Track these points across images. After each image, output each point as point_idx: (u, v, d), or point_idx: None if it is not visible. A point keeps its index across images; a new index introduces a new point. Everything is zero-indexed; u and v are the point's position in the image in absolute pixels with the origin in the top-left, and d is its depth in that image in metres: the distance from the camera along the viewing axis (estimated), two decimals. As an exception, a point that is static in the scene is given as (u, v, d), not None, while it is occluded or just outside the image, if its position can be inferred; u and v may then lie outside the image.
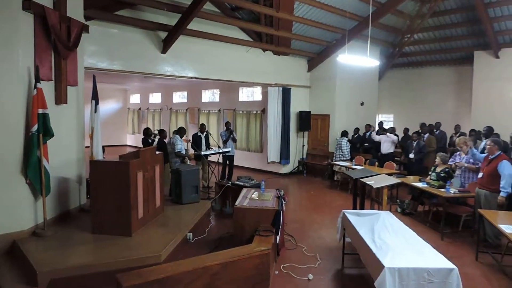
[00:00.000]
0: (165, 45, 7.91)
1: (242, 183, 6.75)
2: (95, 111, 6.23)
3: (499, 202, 5.29)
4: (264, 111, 11.36)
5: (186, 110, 14.96)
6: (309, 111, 11.44)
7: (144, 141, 8.05)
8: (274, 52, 10.44)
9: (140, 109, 18.23)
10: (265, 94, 11.10)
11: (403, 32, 12.11)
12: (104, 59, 7.22)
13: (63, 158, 5.62)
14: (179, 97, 15.95)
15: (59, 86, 5.36)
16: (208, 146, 9.06)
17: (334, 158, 10.16)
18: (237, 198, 5.52)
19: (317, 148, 11.76)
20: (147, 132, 8.22)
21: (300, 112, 11.27)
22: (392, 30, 11.81)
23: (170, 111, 15.87)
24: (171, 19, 7.73)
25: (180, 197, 6.63)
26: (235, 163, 9.99)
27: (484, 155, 6.10)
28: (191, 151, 9.07)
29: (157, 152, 6.16)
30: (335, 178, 9.94)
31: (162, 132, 8.14)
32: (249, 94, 12.58)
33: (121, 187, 4.94)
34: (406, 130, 10.71)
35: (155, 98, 17.46)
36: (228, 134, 9.27)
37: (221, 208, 7.37)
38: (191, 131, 10.90)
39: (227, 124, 9.57)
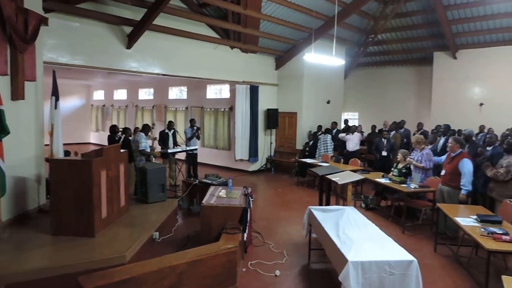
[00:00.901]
0: (130, 40, 7.71)
1: (209, 181, 6.71)
2: (55, 108, 5.99)
3: (461, 199, 5.52)
4: (232, 108, 11.33)
5: (153, 107, 14.67)
6: (277, 109, 11.54)
7: (111, 139, 7.82)
8: (242, 49, 10.43)
9: (104, 106, 17.68)
10: (233, 92, 11.07)
11: (367, 32, 12.45)
12: (65, 53, 6.93)
13: (21, 157, 5.36)
14: (145, 94, 15.61)
15: (16, 81, 5.10)
16: (175, 144, 8.93)
17: (317, 154, 10.23)
18: (204, 196, 5.48)
19: (284, 145, 11.89)
20: (113, 129, 7.99)
21: (268, 110, 11.34)
22: (357, 30, 12.12)
23: (136, 108, 15.51)
24: (136, 14, 7.54)
25: (146, 196, 6.50)
26: (202, 161, 9.92)
27: (440, 158, 6.39)
28: (158, 149, 8.91)
29: (122, 150, 6.00)
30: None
31: (126, 130, 7.94)
32: (217, 92, 12.51)
33: (83, 186, 4.77)
34: (373, 127, 11.05)
35: (120, 94, 16.99)
36: (193, 132, 9.17)
37: (188, 207, 7.29)
38: (158, 129, 10.69)
39: (192, 121, 9.47)
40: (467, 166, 5.48)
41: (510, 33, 10.39)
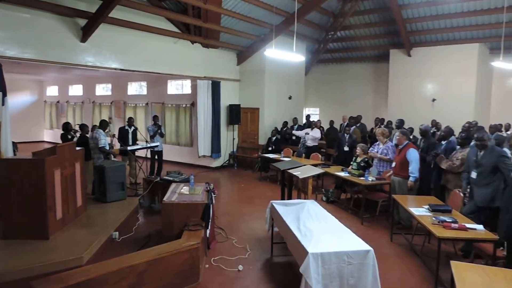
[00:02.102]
0: (85, 34, 7.38)
1: (171, 178, 6.60)
2: (3, 104, 5.66)
3: (409, 186, 5.87)
4: (193, 104, 11.20)
5: (111, 103, 14.18)
6: (239, 105, 11.53)
7: (64, 137, 7.49)
8: (203, 44, 10.30)
9: (58, 102, 16.85)
10: (194, 87, 10.93)
11: (327, 29, 12.71)
12: (13, 46, 6.52)
13: (-35, 157, 5.01)
14: (102, 90, 15.05)
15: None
16: (135, 141, 8.70)
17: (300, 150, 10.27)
18: (166, 193, 5.39)
19: (247, 141, 11.92)
20: (66, 127, 7.65)
21: (230, 105, 11.30)
22: (317, 27, 12.33)
23: (93, 104, 14.93)
24: (91, 6, 7.23)
25: (105, 195, 6.30)
26: (164, 157, 9.74)
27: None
28: (117, 146, 8.64)
29: (78, 148, 5.76)
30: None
31: (83, 127, 7.64)
32: (178, 87, 12.30)
33: (36, 186, 4.55)
34: (331, 122, 11.32)
35: (76, 90, 16.27)
36: (156, 129, 8.98)
37: (149, 205, 7.14)
38: (117, 126, 10.36)
39: (155, 118, 9.27)
40: (413, 154, 5.87)
41: (460, 32, 10.98)
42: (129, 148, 8.05)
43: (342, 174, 7.03)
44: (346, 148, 8.78)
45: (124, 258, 3.84)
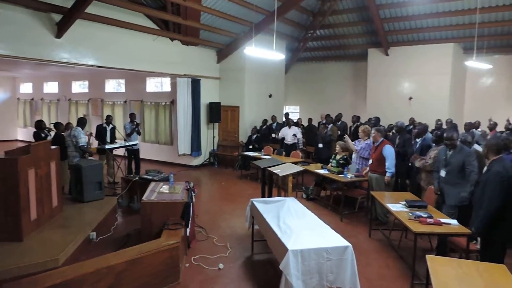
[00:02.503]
0: (60, 29, 7.17)
1: (150, 177, 6.52)
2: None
3: (386, 182, 5.99)
4: (173, 102, 11.07)
5: (88, 101, 13.87)
6: (219, 103, 11.48)
7: (37, 135, 7.25)
8: (183, 42, 10.20)
9: (33, 99, 16.35)
10: (174, 85, 10.81)
11: (307, 28, 12.79)
12: (-17, 42, 6.29)
13: None
14: (79, 87, 14.70)
15: None
16: (113, 139, 8.54)
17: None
18: (145, 192, 5.32)
19: (227, 139, 11.88)
20: (39, 125, 7.41)
21: (210, 103, 11.24)
22: (297, 26, 12.39)
23: (69, 102, 14.57)
24: (66, 1, 7.03)
25: (82, 195, 6.16)
26: (143, 156, 9.62)
27: None
28: (95, 145, 8.46)
29: (53, 147, 5.61)
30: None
31: (58, 125, 7.44)
32: (158, 85, 12.14)
33: (8, 186, 4.41)
34: (310, 120, 11.43)
35: (51, 87, 15.83)
36: (134, 127, 8.84)
37: (128, 204, 7.03)
38: (94, 123, 10.14)
39: (132, 115, 9.12)
40: (389, 151, 5.99)
41: (435, 32, 11.25)
42: (107, 146, 7.90)
43: (321, 171, 7.11)
44: (320, 145, 8.87)
45: (102, 259, 3.77)
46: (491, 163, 3.78)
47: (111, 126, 8.58)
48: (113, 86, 13.49)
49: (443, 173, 4.85)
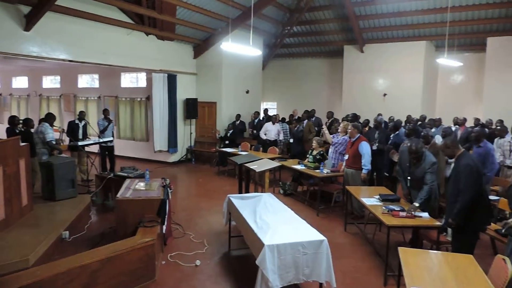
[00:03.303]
0: (29, 22, 6.92)
1: (125, 174, 6.39)
2: None
3: (362, 178, 6.10)
4: (149, 98, 10.89)
5: (60, 96, 13.46)
6: (196, 99, 11.38)
7: (10, 131, 6.95)
8: (158, 36, 10.03)
9: (1, 94, 15.74)
10: (149, 81, 10.62)
11: (284, 24, 12.83)
12: None
13: None
14: (50, 82, 14.24)
15: None
16: (85, 136, 8.33)
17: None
18: (120, 190, 5.22)
19: (205, 135, 11.81)
20: (13, 120, 7.10)
21: (187, 99, 11.13)
22: (274, 22, 12.41)
23: (40, 98, 14.09)
24: (35, -7, 6.80)
25: (53, 193, 5.98)
26: (119, 153, 9.44)
27: None
28: (66, 142, 8.23)
29: (22, 144, 5.42)
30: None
31: (28, 122, 7.17)
32: (133, 80, 11.91)
33: (-26, 185, 4.23)
34: (291, 117, 11.51)
35: (20, 82, 15.26)
36: (107, 123, 8.65)
37: (103, 202, 6.88)
38: (67, 120, 9.84)
39: (105, 111, 8.92)
40: (365, 148, 6.07)
41: (409, 30, 11.52)
42: (79, 143, 7.69)
43: (298, 167, 7.17)
44: (291, 140, 8.95)
45: (75, 258, 3.68)
46: (458, 158, 3.91)
47: (83, 122, 8.36)
48: (87, 81, 13.15)
49: (408, 180, 4.83)
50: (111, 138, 8.61)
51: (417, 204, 4.38)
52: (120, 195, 4.92)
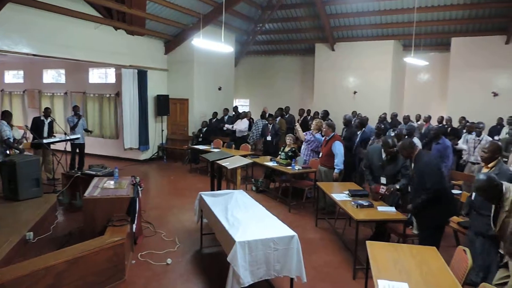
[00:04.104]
0: (-12, 13, 6.60)
1: (93, 172, 6.22)
2: None
3: (334, 177, 6.18)
4: (118, 94, 10.63)
5: (23, 92, 12.89)
6: (167, 95, 11.21)
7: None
8: (128, 31, 9.78)
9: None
10: (119, 76, 10.37)
11: (256, 21, 12.83)
12: None
13: None
14: (12, 77, 13.61)
15: None
16: (51, 133, 8.04)
17: (250, 139, 10.13)
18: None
19: (176, 132, 11.67)
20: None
21: (158, 96, 10.94)
22: (246, 19, 12.39)
23: (2, 93, 13.45)
24: (-5, -17, 6.48)
25: (16, 193, 5.74)
26: (87, 151, 9.16)
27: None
28: (30, 139, 7.91)
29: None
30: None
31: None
32: (102, 76, 11.59)
33: None
34: (263, 113, 11.52)
35: (-20, 77, 14.50)
36: (77, 119, 8.38)
37: (70, 201, 6.67)
38: (31, 117, 9.44)
39: (75, 108, 8.65)
40: (338, 147, 6.16)
41: (378, 30, 11.79)
42: (45, 141, 7.41)
43: (270, 163, 7.21)
44: (268, 138, 9.00)
45: (39, 260, 3.55)
46: (416, 158, 4.08)
47: (49, 119, 8.07)
48: (52, 76, 12.67)
49: (383, 180, 4.89)
50: (79, 136, 8.36)
51: (397, 186, 4.52)
52: (88, 194, 4.79)
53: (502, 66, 10.42)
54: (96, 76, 11.64)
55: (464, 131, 7.89)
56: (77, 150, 8.64)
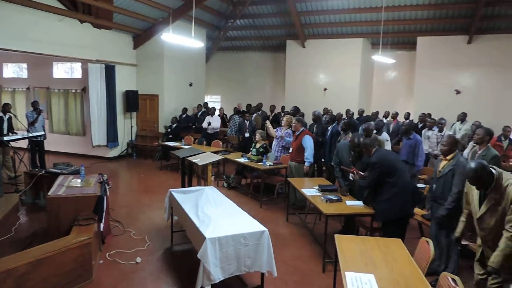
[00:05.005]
0: None
1: (58, 171, 6.00)
2: None
3: (305, 171, 6.27)
4: (85, 89, 10.29)
5: (-18, 87, 12.25)
6: (137, 91, 10.96)
7: None
8: (94, 24, 9.46)
9: None
10: (85, 71, 10.02)
11: (227, 16, 12.75)
12: None
13: None
14: (-30, 71, 12.89)
15: None
16: (10, 130, 7.68)
17: (229, 133, 10.07)
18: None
19: (146, 129, 11.44)
20: None
21: (127, 91, 10.68)
22: (217, 14, 12.28)
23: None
24: None
25: (-26, 193, 5.46)
26: (52, 148, 8.83)
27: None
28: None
29: None
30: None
31: None
32: (67, 71, 11.17)
33: None
34: (235, 110, 11.51)
35: None
36: (36, 115, 8.04)
37: (33, 201, 6.41)
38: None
39: (35, 103, 8.27)
40: (308, 141, 6.25)
41: (347, 27, 12.00)
42: (5, 138, 7.08)
43: (241, 160, 7.21)
44: (246, 134, 9.01)
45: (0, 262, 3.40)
46: (372, 155, 4.30)
47: (8, 115, 7.70)
48: (13, 70, 12.11)
49: (351, 175, 4.97)
50: (42, 133, 8.03)
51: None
52: (52, 192, 4.62)
53: (464, 65, 10.86)
54: (61, 70, 11.21)
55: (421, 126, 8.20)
56: (37, 148, 8.26)
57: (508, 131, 7.37)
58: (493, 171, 2.91)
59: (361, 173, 4.45)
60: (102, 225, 4.69)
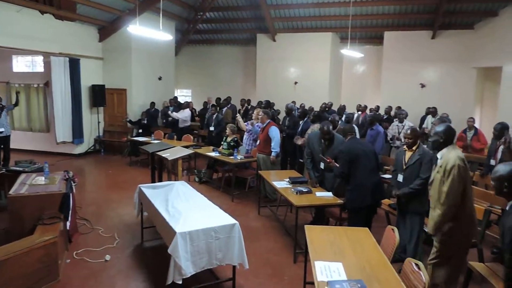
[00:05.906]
0: None
1: (20, 169, 5.75)
2: None
3: (272, 161, 6.33)
4: (48, 84, 9.88)
5: None
6: (103, 85, 10.63)
7: None
8: (56, 16, 9.06)
9: None
10: (48, 65, 9.62)
11: (196, 9, 12.55)
12: None
13: None
14: None
15: None
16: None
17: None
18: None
19: (114, 124, 11.14)
20: None
21: (93, 86, 10.34)
22: (186, 6, 12.07)
23: None
24: None
25: None
26: (13, 146, 8.43)
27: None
28: None
29: None
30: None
31: None
32: (28, 64, 10.68)
33: None
34: (205, 104, 11.38)
35: None
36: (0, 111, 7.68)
37: (-7, 201, 6.13)
38: None
39: (-4, 99, 7.90)
40: (274, 132, 6.33)
41: (317, 22, 12.10)
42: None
43: (212, 154, 7.18)
44: (211, 128, 8.96)
45: (-44, 266, 3.23)
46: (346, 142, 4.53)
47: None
48: (-31, 64, 11.43)
49: (322, 165, 5.05)
50: (2, 129, 7.67)
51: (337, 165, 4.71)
52: (14, 191, 4.42)
53: (428, 59, 11.24)
54: (22, 64, 10.70)
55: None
56: (1, 146, 7.90)
57: (471, 121, 7.69)
58: None
59: (336, 164, 4.53)
60: (68, 223, 4.54)
